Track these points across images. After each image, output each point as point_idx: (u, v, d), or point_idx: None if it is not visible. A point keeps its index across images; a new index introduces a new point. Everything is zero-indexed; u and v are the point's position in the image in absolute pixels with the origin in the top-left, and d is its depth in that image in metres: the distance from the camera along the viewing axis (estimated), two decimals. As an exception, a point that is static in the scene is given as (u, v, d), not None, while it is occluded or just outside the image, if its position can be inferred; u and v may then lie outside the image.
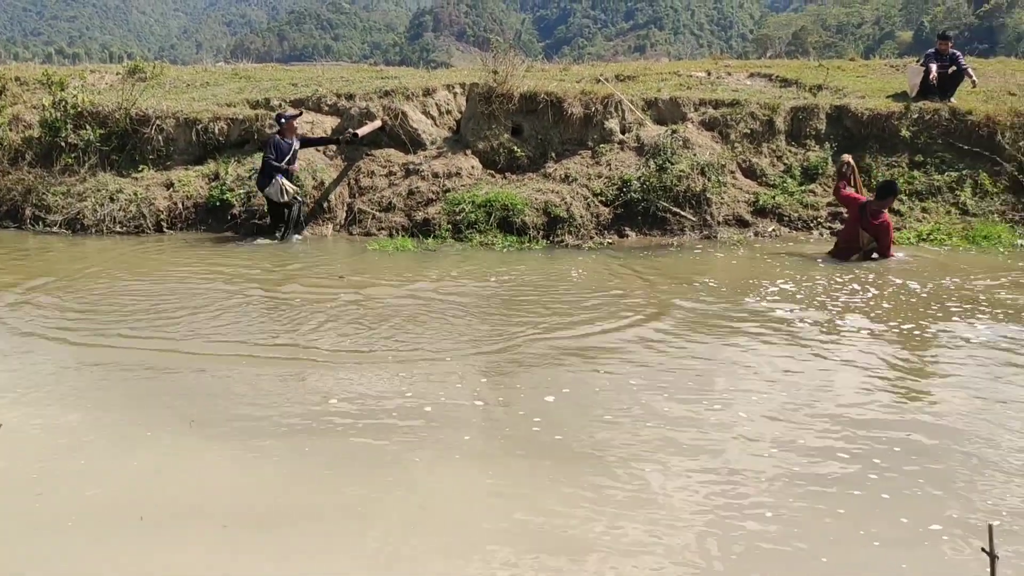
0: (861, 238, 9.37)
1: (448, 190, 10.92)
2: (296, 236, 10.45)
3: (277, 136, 10.46)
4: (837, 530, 3.57)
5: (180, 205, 11.20)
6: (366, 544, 3.47)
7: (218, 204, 11.05)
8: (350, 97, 12.07)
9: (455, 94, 12.33)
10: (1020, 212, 11.25)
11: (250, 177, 11.14)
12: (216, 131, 11.65)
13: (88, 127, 11.74)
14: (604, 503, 3.77)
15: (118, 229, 11.01)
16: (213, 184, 11.28)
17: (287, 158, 10.34)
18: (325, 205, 11.07)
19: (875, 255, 9.43)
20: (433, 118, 11.97)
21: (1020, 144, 11.52)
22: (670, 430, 4.58)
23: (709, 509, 3.72)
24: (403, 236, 10.49)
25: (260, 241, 10.33)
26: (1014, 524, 3.59)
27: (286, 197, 10.34)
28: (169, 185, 11.39)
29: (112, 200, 11.20)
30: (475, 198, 10.65)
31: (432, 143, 11.62)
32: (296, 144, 10.56)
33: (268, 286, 8.05)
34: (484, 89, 11.45)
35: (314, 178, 11.09)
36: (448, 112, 12.20)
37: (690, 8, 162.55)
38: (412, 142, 11.51)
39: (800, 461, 4.21)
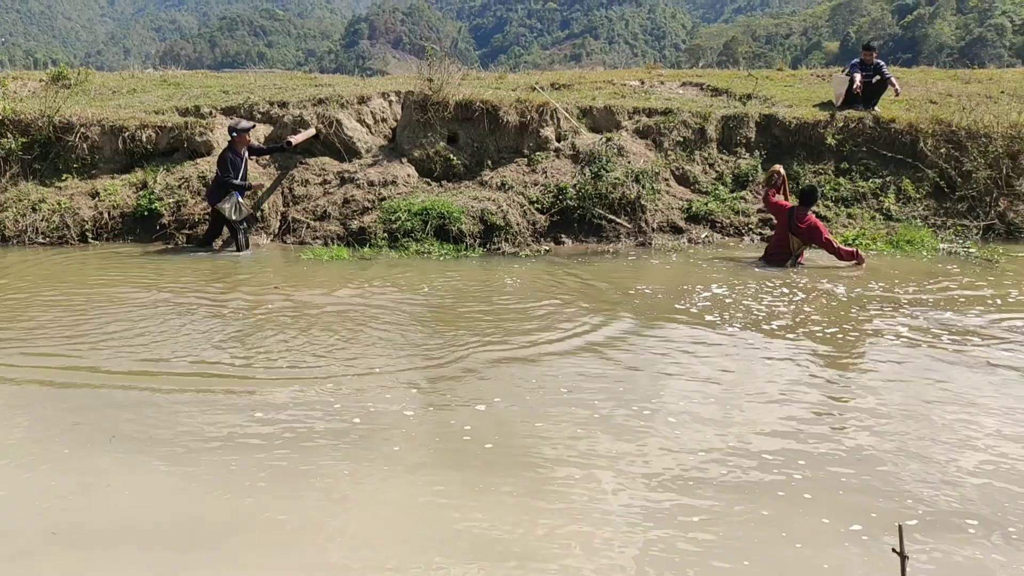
0: (791, 243, 9.59)
1: (384, 198, 10.84)
2: (248, 252, 10.21)
3: (230, 153, 10.18)
4: (760, 532, 3.62)
5: (106, 215, 10.89)
6: (301, 558, 3.40)
7: (146, 214, 10.78)
8: (283, 105, 11.91)
9: (390, 102, 12.26)
10: (941, 217, 11.65)
11: (180, 186, 10.90)
12: (144, 139, 11.37)
13: (9, 135, 11.35)
14: (541, 511, 3.77)
15: (40, 240, 10.67)
16: (141, 193, 11.00)
17: (242, 173, 10.18)
18: (259, 214, 10.88)
19: (801, 262, 9.66)
20: (368, 126, 11.88)
21: (941, 151, 11.94)
22: (600, 437, 4.60)
23: (637, 514, 3.75)
24: (338, 245, 10.38)
25: (196, 253, 10.13)
26: (935, 523, 3.68)
27: (240, 215, 10.18)
28: (95, 194, 11.08)
29: (34, 210, 10.84)
30: (411, 206, 10.59)
31: (367, 151, 11.54)
32: (246, 155, 10.38)
33: (197, 297, 7.87)
34: (419, 97, 11.41)
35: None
36: (383, 120, 12.12)
37: (624, 18, 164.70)
38: (347, 150, 11.41)
39: (727, 464, 4.26)
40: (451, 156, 11.37)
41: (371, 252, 10.17)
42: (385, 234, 10.45)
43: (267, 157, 11.27)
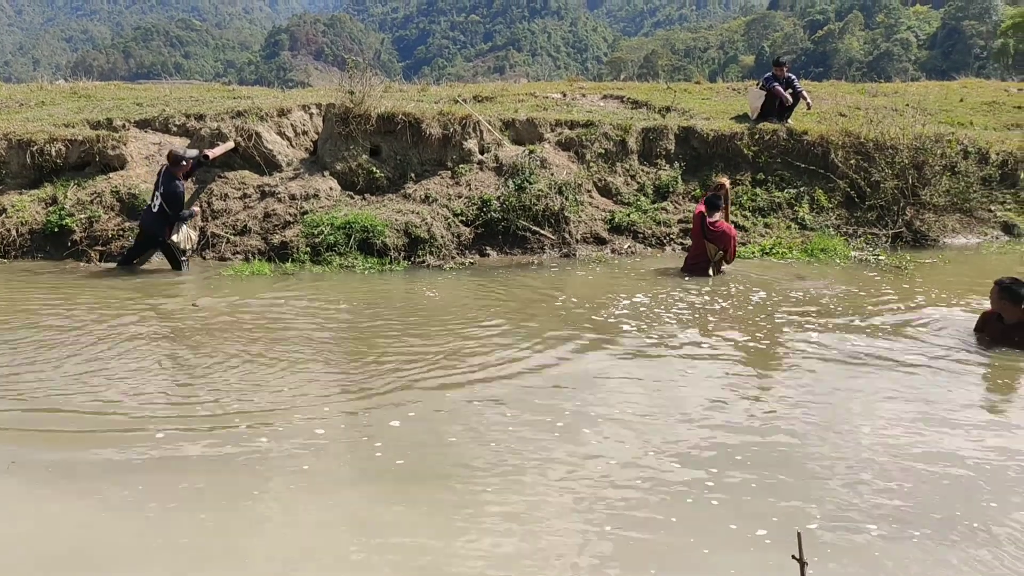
0: (708, 250, 9.78)
1: (306, 212, 10.70)
2: (186, 271, 9.92)
3: (177, 184, 9.78)
4: (668, 538, 3.65)
5: (14, 232, 10.47)
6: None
7: (56, 230, 10.41)
8: (200, 117, 11.67)
9: (311, 115, 12.12)
10: (852, 226, 12.06)
11: (92, 201, 10.56)
12: (53, 153, 10.97)
13: (-93, 149, 10.82)
14: (469, 521, 3.76)
15: (-57, 259, 10.19)
16: (51, 209, 10.62)
17: (186, 201, 9.94)
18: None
19: (723, 270, 9.88)
20: (289, 139, 11.72)
21: (851, 162, 12.37)
22: (519, 446, 4.61)
23: (549, 522, 3.77)
24: (260, 260, 10.18)
25: (114, 266, 9.85)
26: (835, 530, 3.75)
27: (191, 244, 9.97)
28: (1, 211, 10.64)
29: (-65, 228, 10.36)
30: (334, 220, 10.47)
31: (288, 164, 11.37)
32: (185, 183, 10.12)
33: (109, 318, 7.61)
34: (341, 110, 11.31)
35: (149, 202, 10.59)
36: (304, 133, 11.97)
37: (547, 31, 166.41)
38: (267, 164, 11.23)
39: (641, 471, 4.30)
40: (374, 169, 11.29)
41: (294, 267, 10.01)
42: (308, 248, 10.30)
43: (184, 171, 11.00)
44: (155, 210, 9.77)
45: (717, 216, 9.89)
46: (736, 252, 9.91)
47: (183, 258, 9.93)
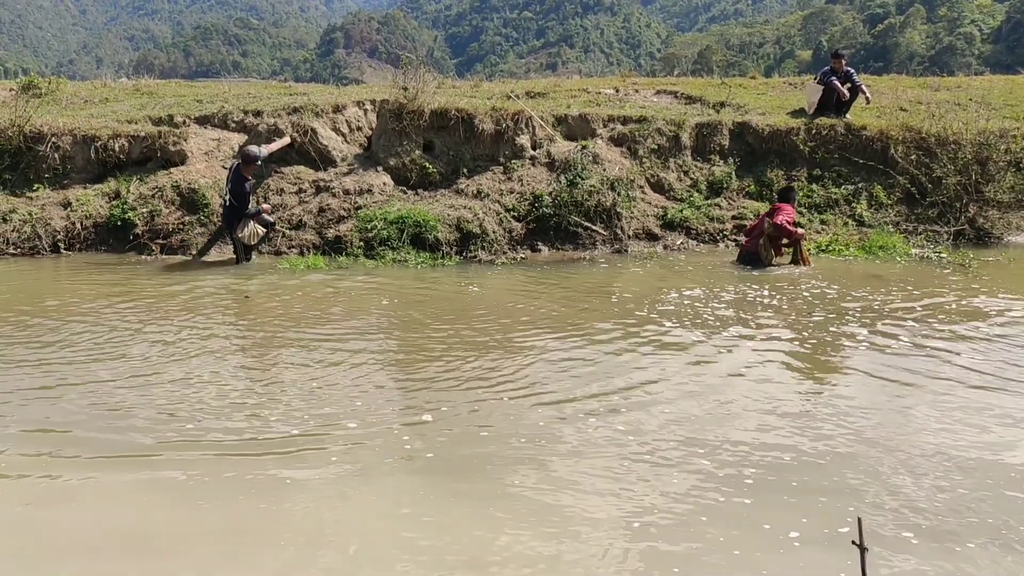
0: (764, 224, 9.99)
1: (360, 207, 10.81)
2: (248, 263, 10.14)
3: (246, 182, 10.00)
4: (697, 538, 3.59)
5: (79, 225, 10.77)
6: (264, 566, 3.38)
7: (119, 223, 10.69)
8: (258, 114, 11.86)
9: (365, 111, 12.25)
10: (912, 223, 11.80)
11: (153, 196, 10.81)
12: (116, 148, 11.27)
13: (-21, 145, 11.21)
14: (503, 519, 3.77)
15: (11, 251, 10.52)
16: (114, 203, 10.90)
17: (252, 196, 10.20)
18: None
19: (780, 255, 10.00)
20: (343, 135, 11.86)
21: (911, 158, 12.09)
22: (549, 443, 4.59)
23: (587, 522, 3.73)
24: (314, 254, 10.34)
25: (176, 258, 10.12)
26: (872, 535, 3.61)
27: (256, 240, 10.16)
28: (67, 204, 10.95)
29: (4, 220, 10.70)
30: (387, 215, 10.57)
31: (343, 160, 11.51)
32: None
33: (163, 314, 7.78)
34: (394, 106, 11.40)
35: (221, 196, 10.82)
36: (359, 129, 12.10)
37: (600, 27, 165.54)
38: (322, 159, 11.37)
39: (675, 468, 4.25)
40: (427, 164, 11.37)
41: (347, 261, 10.14)
42: (361, 243, 10.42)
43: (241, 166, 11.21)
44: (226, 205, 10.05)
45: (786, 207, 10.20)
46: (792, 231, 9.96)
47: (247, 254, 10.12)
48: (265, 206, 10.41)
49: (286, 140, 11.14)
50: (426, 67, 12.67)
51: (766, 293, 8.52)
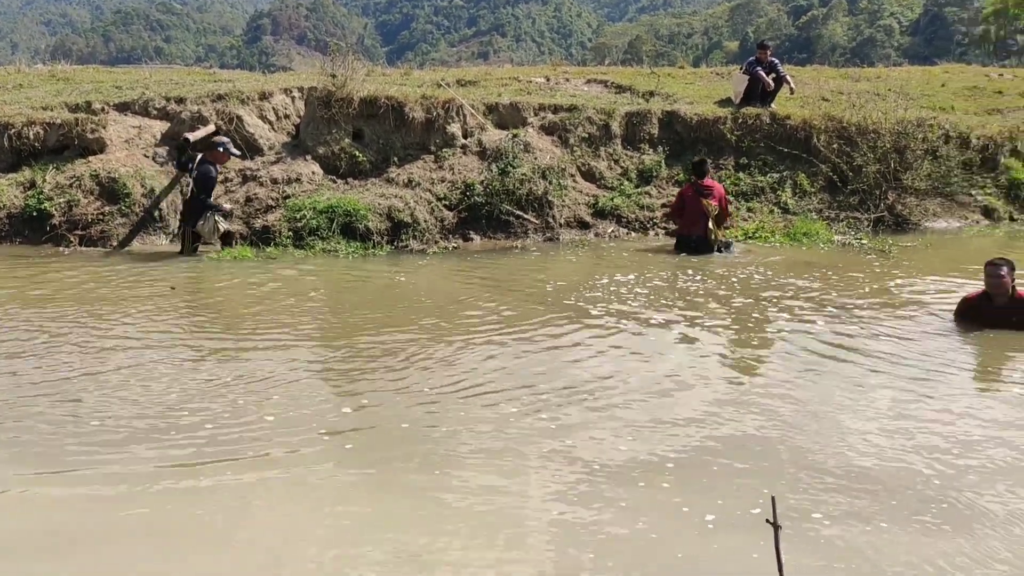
0: (706, 206, 10.13)
1: (288, 196, 10.62)
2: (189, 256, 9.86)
3: (209, 166, 9.85)
4: (617, 521, 3.59)
5: (-8, 216, 10.34)
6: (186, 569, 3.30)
7: (35, 214, 10.28)
8: (180, 101, 11.53)
9: (293, 98, 12.02)
10: (835, 210, 12.12)
11: (71, 185, 10.42)
12: (31, 136, 10.81)
13: None
14: (427, 511, 3.75)
15: (-80, 243, 10.04)
16: (29, 193, 10.48)
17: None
18: (156, 214, 10.50)
19: (722, 238, 10.26)
20: (270, 123, 11.62)
21: (833, 147, 12.42)
22: (473, 434, 4.54)
23: (507, 512, 3.71)
24: (241, 245, 10.11)
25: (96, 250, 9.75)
26: (787, 514, 3.65)
27: (214, 238, 9.91)
28: (-22, 195, 10.50)
29: (-88, 212, 10.21)
30: (317, 204, 10.41)
31: (270, 148, 11.29)
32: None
33: (83, 308, 7.53)
34: (323, 93, 11.22)
35: (143, 186, 10.51)
36: (286, 117, 11.87)
37: (531, 16, 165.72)
38: (249, 147, 11.13)
39: (598, 456, 4.23)
40: (357, 153, 11.22)
41: (276, 251, 9.95)
42: (290, 233, 10.24)
43: (164, 154, 10.91)
44: (186, 197, 9.90)
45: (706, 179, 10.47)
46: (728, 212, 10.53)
47: (196, 244, 9.88)
48: (229, 207, 10.19)
49: (211, 128, 10.87)
50: (355, 54, 12.50)
51: (699, 279, 8.65)
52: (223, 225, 9.95)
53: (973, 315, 6.66)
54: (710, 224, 10.07)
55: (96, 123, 10.93)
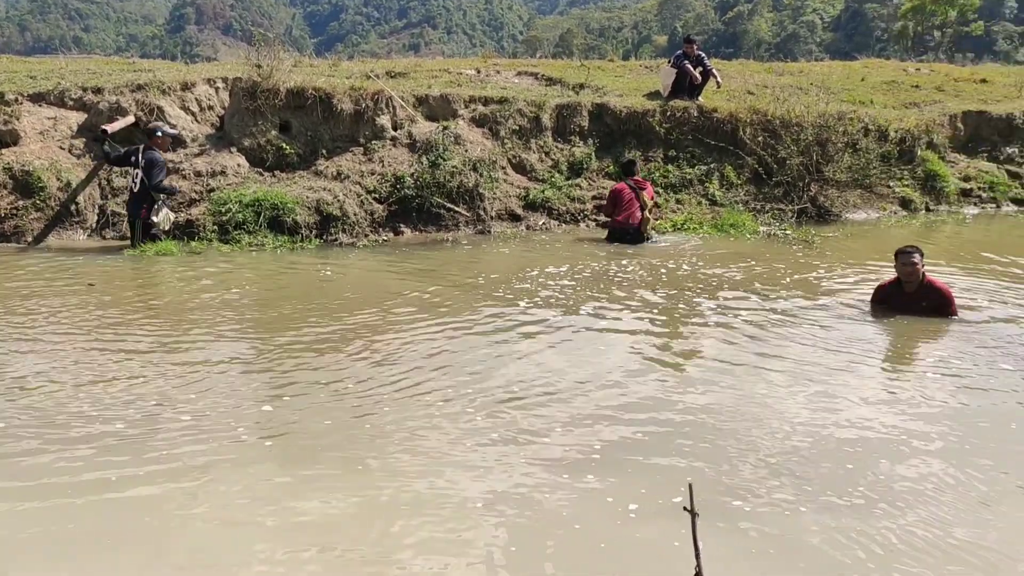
0: (642, 198, 10.45)
1: (212, 189, 10.37)
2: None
3: (155, 152, 9.65)
4: (542, 514, 3.60)
5: None
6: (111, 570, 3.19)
7: (-58, 210, 9.83)
8: (98, 91, 11.15)
9: (217, 89, 11.73)
10: (760, 202, 12.37)
11: (-19, 179, 10.01)
12: (-62, 128, 10.34)
13: None
14: (350, 505, 3.71)
15: None
16: (-64, 187, 10.02)
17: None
18: (73, 208, 10.15)
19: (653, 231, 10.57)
20: (193, 114, 11.32)
21: (759, 139, 12.66)
22: (396, 429, 4.49)
23: (431, 507, 3.69)
24: (165, 238, 9.84)
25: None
26: (706, 503, 3.72)
27: (168, 226, 9.68)
28: None
29: None
30: (242, 197, 10.18)
31: (193, 140, 11.00)
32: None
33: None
34: (248, 84, 10.98)
35: (59, 179, 10.14)
36: (210, 108, 11.58)
37: (462, 8, 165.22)
38: (173, 142, 10.81)
39: (524, 449, 4.23)
40: (284, 145, 11.02)
41: (201, 246, 9.71)
42: (215, 227, 10.00)
43: (81, 146, 10.54)
44: (135, 190, 9.60)
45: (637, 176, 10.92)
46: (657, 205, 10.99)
47: (145, 237, 9.61)
48: (177, 187, 10.02)
49: (130, 119, 10.55)
50: (282, 44, 12.26)
51: (630, 269, 8.73)
52: (173, 215, 9.77)
53: (887, 302, 6.89)
54: (646, 215, 10.35)
55: (9, 114, 10.52)
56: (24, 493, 3.75)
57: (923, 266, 6.70)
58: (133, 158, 9.69)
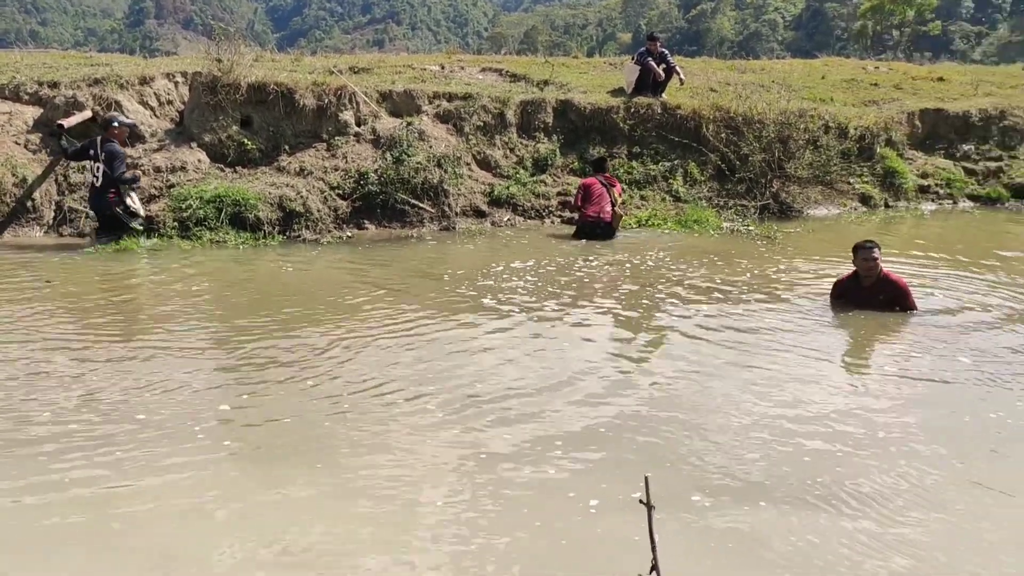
0: (612, 195, 10.59)
1: (172, 185, 10.22)
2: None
3: (113, 144, 9.48)
4: (503, 509, 3.59)
5: None
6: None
7: None
8: (55, 85, 10.93)
9: (177, 83, 11.55)
10: (723, 198, 12.47)
11: (-67, 174, 9.77)
12: None
13: None
14: (311, 506, 3.68)
15: None
16: None
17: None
18: (29, 204, 9.94)
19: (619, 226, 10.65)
20: (152, 108, 11.14)
21: (721, 136, 12.76)
22: (367, 425, 4.48)
23: (391, 506, 3.66)
24: (141, 223, 9.68)
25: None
26: (665, 498, 3.72)
27: (134, 220, 9.49)
28: None
29: None
30: (203, 193, 10.04)
31: (152, 135, 10.82)
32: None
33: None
34: (208, 78, 10.83)
35: (14, 175, 9.92)
36: (169, 103, 11.40)
37: (427, 4, 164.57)
38: (129, 134, 10.63)
39: (486, 445, 4.22)
40: (245, 141, 10.89)
41: (161, 242, 9.57)
42: (176, 223, 9.85)
43: (37, 141, 10.33)
44: (98, 184, 9.42)
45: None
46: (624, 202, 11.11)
47: (135, 222, 9.50)
48: (138, 173, 9.83)
49: (87, 113, 10.36)
50: (243, 38, 12.12)
51: (595, 264, 8.76)
52: (139, 208, 9.61)
53: (845, 296, 6.97)
54: (616, 210, 10.45)
55: (-40, 108, 10.27)
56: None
57: (881, 260, 6.80)
58: (92, 151, 9.51)
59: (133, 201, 9.52)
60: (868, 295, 6.82)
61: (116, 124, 9.69)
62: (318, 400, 4.83)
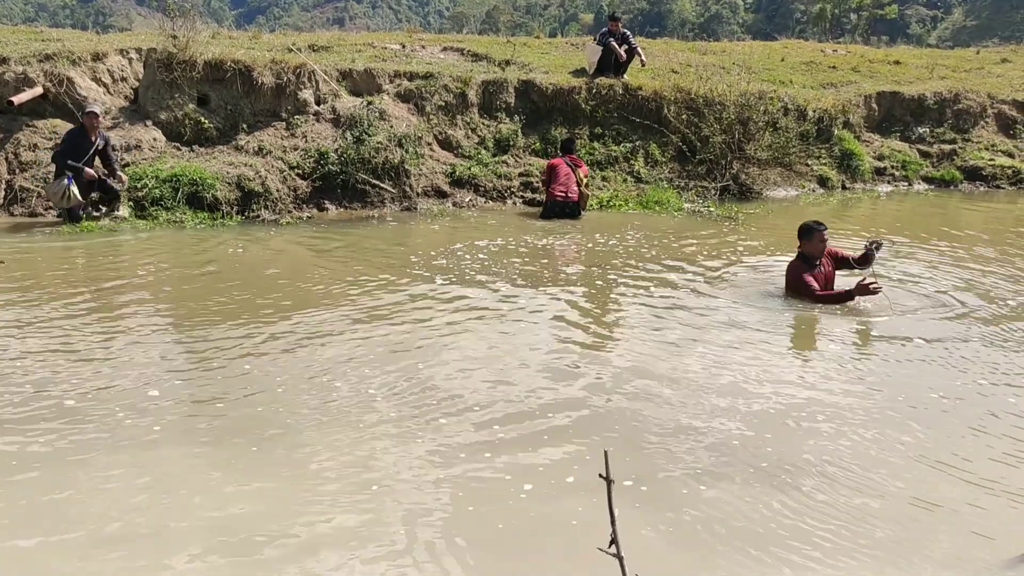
0: (578, 175, 10.59)
1: (127, 164, 10.02)
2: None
3: (77, 130, 9.32)
4: (446, 498, 3.56)
5: None
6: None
7: None
8: (3, 61, 10.62)
9: (131, 60, 11.31)
10: (684, 179, 12.54)
11: None
12: None
13: None
14: (254, 487, 3.65)
15: None
16: None
17: (85, 158, 9.17)
18: None
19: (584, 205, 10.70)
20: (106, 85, 10.90)
21: (683, 117, 12.81)
22: (309, 411, 4.41)
23: (372, 483, 3.67)
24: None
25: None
26: (635, 477, 3.74)
27: (66, 204, 9.13)
28: None
29: None
30: (159, 173, 9.87)
31: (106, 113, 10.58)
32: (100, 144, 9.38)
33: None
34: (163, 55, 10.61)
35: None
36: (123, 80, 11.17)
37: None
38: (81, 112, 10.40)
39: (439, 433, 4.17)
40: (202, 119, 10.70)
41: (117, 224, 9.38)
42: (131, 203, 9.68)
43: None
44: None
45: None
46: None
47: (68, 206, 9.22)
48: (89, 170, 9.29)
49: (38, 90, 10.11)
50: (199, 14, 11.88)
51: (558, 246, 8.76)
52: (77, 197, 9.17)
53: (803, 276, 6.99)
54: (584, 190, 10.53)
55: (-96, 84, 9.96)
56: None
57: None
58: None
59: (56, 188, 9.16)
60: (820, 272, 6.85)
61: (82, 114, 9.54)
62: (264, 382, 4.75)
